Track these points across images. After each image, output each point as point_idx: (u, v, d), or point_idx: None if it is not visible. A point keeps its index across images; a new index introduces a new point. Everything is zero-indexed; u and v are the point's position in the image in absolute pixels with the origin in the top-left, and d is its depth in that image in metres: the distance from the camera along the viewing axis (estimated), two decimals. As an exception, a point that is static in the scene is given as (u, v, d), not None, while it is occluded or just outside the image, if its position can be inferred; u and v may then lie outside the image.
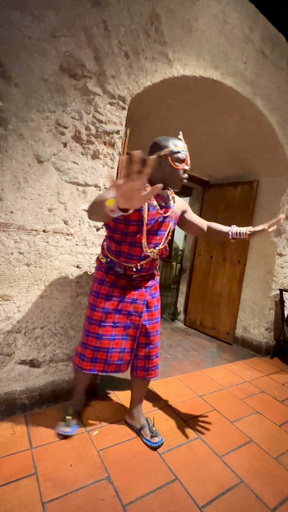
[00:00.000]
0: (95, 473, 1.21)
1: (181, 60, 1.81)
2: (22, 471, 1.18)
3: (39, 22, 1.35)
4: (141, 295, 1.38)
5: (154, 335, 1.43)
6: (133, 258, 1.30)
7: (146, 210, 1.25)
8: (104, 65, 1.55)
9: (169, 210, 1.33)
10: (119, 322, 1.36)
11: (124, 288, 1.36)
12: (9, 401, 1.48)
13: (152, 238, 1.29)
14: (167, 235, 1.34)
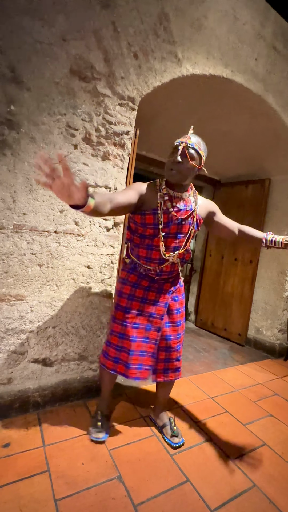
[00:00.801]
0: (106, 472, 1.22)
1: (190, 59, 1.80)
2: (35, 468, 1.20)
3: (50, 27, 1.37)
4: (164, 298, 1.36)
5: (175, 338, 1.40)
6: (152, 261, 1.29)
7: (161, 213, 1.23)
8: (113, 66, 1.56)
9: (188, 212, 1.28)
10: (140, 323, 1.34)
11: (146, 289, 1.35)
12: (23, 399, 1.51)
13: (171, 242, 1.27)
14: (188, 238, 1.30)
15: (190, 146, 1.18)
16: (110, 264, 1.73)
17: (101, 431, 1.39)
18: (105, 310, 1.75)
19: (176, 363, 1.44)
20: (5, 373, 1.49)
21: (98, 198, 1.00)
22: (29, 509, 1.02)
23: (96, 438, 1.36)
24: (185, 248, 1.30)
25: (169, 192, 1.26)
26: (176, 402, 1.81)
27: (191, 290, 3.77)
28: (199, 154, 1.21)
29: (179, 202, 1.26)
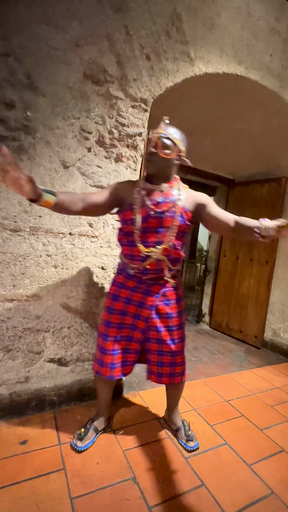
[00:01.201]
0: (120, 472, 1.22)
1: (203, 58, 1.78)
2: (51, 465, 1.22)
3: (64, 33, 1.40)
4: (150, 300, 1.28)
5: (168, 343, 1.32)
6: (135, 258, 1.24)
7: (138, 207, 1.20)
8: (126, 69, 1.57)
9: (168, 204, 1.20)
10: (125, 323, 1.31)
11: (132, 289, 1.30)
12: (39, 397, 1.54)
13: (151, 236, 1.21)
14: (172, 232, 1.20)
15: (163, 136, 1.15)
16: (123, 265, 1.74)
17: (81, 439, 1.33)
18: (119, 311, 1.76)
19: (169, 368, 1.36)
20: (22, 371, 1.52)
21: (62, 196, 1.08)
22: (45, 505, 1.04)
23: (74, 445, 1.31)
24: (168, 242, 1.20)
25: (146, 186, 1.23)
26: (190, 404, 1.79)
27: (205, 291, 3.72)
28: (174, 143, 1.16)
29: (157, 195, 1.21)
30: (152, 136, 1.16)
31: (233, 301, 3.26)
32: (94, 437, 1.38)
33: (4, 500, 1.04)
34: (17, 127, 1.37)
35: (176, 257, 1.27)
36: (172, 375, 1.37)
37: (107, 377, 1.32)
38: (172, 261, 1.26)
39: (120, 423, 1.55)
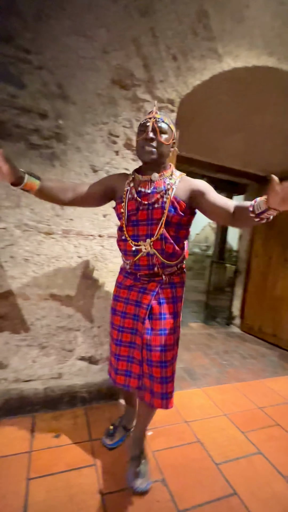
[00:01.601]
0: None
1: (231, 52, 1.73)
2: (83, 460, 1.26)
3: (92, 42, 1.45)
4: (146, 299, 1.16)
5: (157, 350, 1.13)
6: (127, 253, 1.18)
7: (126, 199, 1.14)
8: (152, 71, 1.58)
9: (157, 195, 1.10)
10: (125, 327, 1.21)
11: (129, 288, 1.22)
12: (71, 394, 1.60)
13: (142, 230, 1.12)
14: (163, 224, 1.08)
15: (160, 120, 1.06)
16: (151, 266, 1.75)
17: (111, 437, 1.36)
18: (147, 312, 1.77)
19: (162, 385, 1.14)
20: (56, 368, 1.60)
21: (49, 182, 1.07)
22: (78, 498, 1.08)
23: (104, 442, 1.35)
24: (157, 236, 1.09)
25: (137, 177, 1.15)
26: (220, 409, 1.74)
27: (236, 293, 3.60)
28: (170, 128, 1.09)
29: (146, 186, 1.12)
30: (146, 120, 1.07)
31: (266, 303, 3.11)
32: (124, 436, 1.39)
33: (40, 490, 1.10)
34: (49, 135, 1.45)
35: (170, 251, 1.13)
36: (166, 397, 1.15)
37: (112, 381, 1.25)
38: (166, 255, 1.13)
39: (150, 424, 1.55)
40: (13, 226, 1.44)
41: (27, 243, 1.48)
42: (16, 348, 1.52)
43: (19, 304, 1.50)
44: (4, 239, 1.44)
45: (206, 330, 3.32)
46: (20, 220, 1.45)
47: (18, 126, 1.39)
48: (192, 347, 2.73)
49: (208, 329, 3.36)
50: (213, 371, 2.26)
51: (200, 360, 2.45)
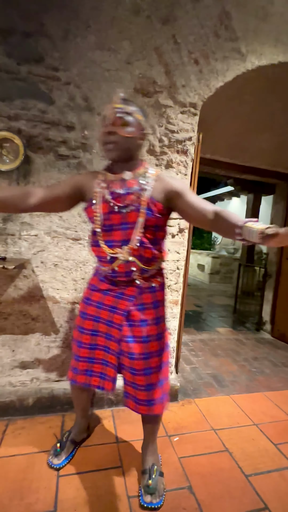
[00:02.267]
0: (176, 479, 1.21)
1: (255, 51, 1.70)
2: (110, 462, 1.28)
3: (116, 54, 1.51)
4: (123, 304, 1.09)
5: (140, 358, 1.08)
6: (102, 260, 1.08)
7: (100, 203, 1.03)
8: (174, 77, 1.60)
9: (131, 197, 1.00)
10: (99, 331, 1.13)
11: (105, 292, 1.12)
12: (98, 395, 1.64)
13: (117, 235, 1.03)
14: (139, 228, 1.00)
15: (120, 110, 0.94)
16: (176, 270, 1.74)
17: (58, 456, 1.23)
18: (172, 316, 1.77)
19: (146, 392, 1.09)
20: (84, 369, 1.65)
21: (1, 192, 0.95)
22: (105, 499, 1.10)
23: (51, 462, 1.22)
24: (134, 241, 1.00)
25: (106, 176, 1.05)
26: (250, 419, 1.67)
27: (266, 297, 3.45)
28: (135, 118, 0.97)
29: (118, 186, 1.02)
30: (107, 112, 0.96)
31: (299, 308, 2.94)
32: (73, 451, 1.29)
33: (70, 487, 1.14)
34: (76, 146, 1.52)
35: (149, 256, 1.05)
36: (151, 403, 1.09)
37: (82, 384, 1.15)
38: (145, 261, 1.05)
39: (175, 429, 1.54)
40: (43, 233, 1.53)
41: (56, 249, 1.55)
42: (47, 349, 1.60)
43: (49, 307, 1.58)
44: (35, 246, 1.53)
45: (235, 335, 3.21)
46: (50, 227, 1.53)
47: (47, 139, 1.48)
48: (220, 352, 2.66)
49: (237, 334, 3.25)
50: (242, 378, 2.18)
51: (228, 366, 2.37)
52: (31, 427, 1.46)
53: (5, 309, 1.52)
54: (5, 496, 1.08)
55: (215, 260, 6.91)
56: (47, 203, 1.04)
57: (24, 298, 1.54)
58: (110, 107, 0.96)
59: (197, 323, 3.62)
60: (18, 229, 1.50)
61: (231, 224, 0.82)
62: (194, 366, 2.32)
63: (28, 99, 1.43)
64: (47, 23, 1.40)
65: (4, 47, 1.38)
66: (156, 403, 1.10)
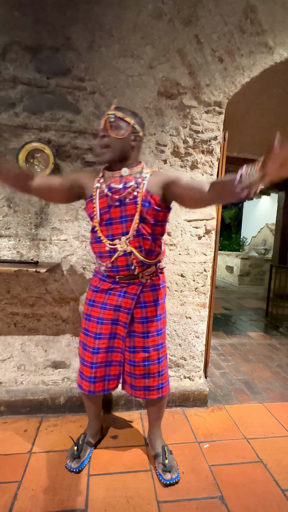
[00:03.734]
0: (207, 488, 1.18)
1: (284, 42, 1.62)
2: (139, 464, 1.28)
3: (139, 60, 1.53)
4: (126, 303, 1.16)
5: (140, 351, 1.18)
6: (103, 255, 1.13)
7: (97, 197, 1.10)
8: (198, 77, 1.58)
9: (127, 189, 1.08)
10: (103, 333, 1.18)
11: (107, 292, 1.17)
12: (126, 397, 1.65)
13: (117, 228, 1.09)
14: (137, 220, 1.07)
15: (112, 116, 1.05)
16: (203, 272, 1.71)
17: (76, 459, 1.24)
18: (200, 319, 1.73)
19: (143, 380, 1.20)
20: (112, 371, 1.67)
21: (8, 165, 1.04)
22: (134, 502, 1.10)
23: (70, 467, 1.22)
24: (133, 232, 1.07)
25: (105, 174, 1.13)
26: (286, 429, 1.57)
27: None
28: (126, 122, 1.06)
29: (117, 182, 1.10)
30: (101, 119, 1.09)
31: None
32: (89, 453, 1.30)
33: (100, 487, 1.15)
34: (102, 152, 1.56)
35: (148, 248, 1.11)
36: (147, 389, 1.20)
37: (86, 392, 1.21)
38: (144, 253, 1.11)
39: (205, 435, 1.50)
40: (72, 237, 1.59)
41: (85, 253, 1.60)
42: (77, 350, 1.65)
43: (79, 309, 1.63)
44: (65, 250, 1.59)
45: (267, 340, 3.06)
46: (78, 231, 1.59)
47: (75, 147, 1.54)
48: (251, 358, 2.55)
49: (270, 339, 3.10)
50: (276, 385, 2.07)
51: (260, 372, 2.26)
52: (63, 425, 1.51)
53: (38, 311, 1.60)
54: (39, 490, 1.12)
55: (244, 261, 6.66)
56: (48, 188, 1.13)
57: (55, 300, 1.61)
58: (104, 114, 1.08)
59: (227, 326, 3.50)
60: (48, 234, 1.57)
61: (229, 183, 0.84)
62: (224, 371, 2.25)
63: (56, 111, 1.50)
64: (73, 37, 1.47)
65: (34, 64, 1.46)
66: (152, 389, 1.21)
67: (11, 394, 1.56)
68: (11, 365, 1.61)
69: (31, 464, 1.25)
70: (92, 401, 1.31)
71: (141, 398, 1.24)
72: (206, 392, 1.74)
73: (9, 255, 1.54)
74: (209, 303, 1.76)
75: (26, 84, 1.47)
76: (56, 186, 1.14)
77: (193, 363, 1.75)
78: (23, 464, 1.25)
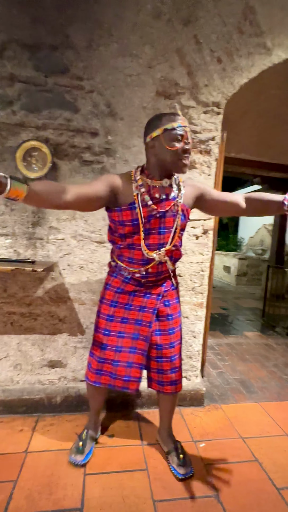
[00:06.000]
0: (203, 487, 1.18)
1: (282, 44, 1.63)
2: (135, 464, 1.28)
3: (138, 59, 1.53)
4: (151, 303, 1.19)
5: (167, 347, 1.23)
6: (135, 262, 1.14)
7: (140, 207, 1.08)
8: (196, 77, 1.58)
9: (171, 203, 1.11)
10: (126, 332, 1.20)
11: (131, 294, 1.19)
12: (123, 397, 1.65)
13: (154, 238, 1.11)
14: (175, 232, 1.13)
15: (189, 129, 1.06)
16: (200, 272, 1.71)
17: (80, 453, 1.26)
18: (197, 319, 1.74)
19: (171, 375, 1.25)
20: (109, 370, 1.67)
21: (38, 185, 0.89)
22: (130, 501, 1.10)
23: (74, 460, 1.24)
24: (172, 244, 1.13)
25: (146, 182, 1.10)
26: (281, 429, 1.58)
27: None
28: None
29: (158, 192, 1.10)
30: (182, 129, 1.02)
31: None
32: (92, 447, 1.33)
33: (96, 486, 1.15)
34: (100, 151, 1.56)
35: (177, 257, 1.21)
36: (174, 383, 1.26)
37: (107, 385, 1.22)
38: (173, 261, 1.20)
39: (201, 434, 1.50)
40: (69, 236, 1.58)
41: (82, 252, 1.60)
42: (74, 349, 1.65)
43: (76, 308, 1.63)
44: (62, 249, 1.58)
45: (264, 340, 3.08)
46: (75, 231, 1.58)
47: (73, 146, 1.53)
48: (248, 357, 2.56)
49: (266, 339, 3.11)
50: (272, 385, 2.08)
51: (256, 372, 2.28)
52: (59, 424, 1.50)
53: (34, 310, 1.59)
54: (35, 490, 1.12)
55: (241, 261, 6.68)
56: (81, 201, 1.01)
57: (52, 299, 1.60)
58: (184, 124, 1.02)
59: (224, 326, 3.52)
60: (46, 233, 1.56)
61: (274, 203, 1.09)
62: (220, 370, 2.26)
63: (54, 109, 1.50)
64: (72, 35, 1.46)
65: (32, 62, 1.46)
66: (178, 383, 1.28)
67: (7, 394, 1.55)
68: (7, 364, 1.60)
69: (27, 464, 1.24)
70: (99, 397, 1.35)
71: (169, 393, 1.28)
72: (203, 392, 1.74)
73: (5, 253, 1.54)
74: (206, 303, 1.77)
75: (24, 82, 1.46)
76: (93, 196, 1.04)
77: (190, 362, 1.76)
78: (19, 463, 1.24)
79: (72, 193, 0.97)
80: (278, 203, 1.08)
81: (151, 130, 1.05)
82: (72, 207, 1.02)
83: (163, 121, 1.02)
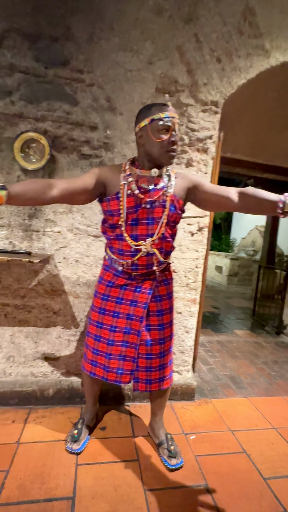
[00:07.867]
0: (192, 477, 1.21)
1: (280, 47, 1.66)
2: (126, 454, 1.30)
3: (138, 55, 1.53)
4: (142, 297, 1.18)
5: (156, 343, 1.22)
6: (124, 253, 1.13)
7: (124, 196, 1.07)
8: (196, 75, 1.60)
9: (158, 193, 1.08)
10: (118, 326, 1.20)
11: (123, 287, 1.19)
12: (116, 390, 1.67)
13: (142, 229, 1.10)
14: (163, 223, 1.10)
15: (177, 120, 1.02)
16: (194, 268, 1.74)
17: (77, 442, 1.28)
18: (190, 315, 1.76)
19: (159, 372, 1.24)
20: (102, 364, 1.68)
21: (18, 187, 0.89)
22: (122, 490, 1.12)
23: (70, 449, 1.26)
24: (158, 235, 1.10)
25: (135, 172, 1.09)
26: (270, 422, 1.63)
27: (287, 301, 3.34)
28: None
29: (146, 182, 1.08)
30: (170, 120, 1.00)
31: None
32: (87, 436, 1.36)
33: (88, 476, 1.17)
34: (99, 145, 1.56)
35: (168, 249, 1.17)
36: (162, 380, 1.26)
37: (100, 378, 1.23)
38: (163, 253, 1.16)
39: (192, 427, 1.53)
40: (66, 229, 1.58)
41: (78, 245, 1.60)
42: (67, 343, 1.65)
43: (70, 301, 1.63)
44: (58, 242, 1.58)
45: (253, 338, 3.14)
46: (72, 224, 1.58)
47: (71, 139, 1.53)
48: (238, 354, 2.61)
49: (256, 337, 3.18)
50: (261, 381, 2.13)
51: (246, 368, 2.33)
52: (52, 416, 1.51)
53: (29, 302, 1.59)
54: (27, 479, 1.13)
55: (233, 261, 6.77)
56: (68, 195, 1.03)
57: (47, 292, 1.60)
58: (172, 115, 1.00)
59: (215, 324, 3.57)
60: (42, 226, 1.56)
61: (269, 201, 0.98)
62: (211, 366, 2.30)
63: (54, 101, 1.49)
64: (73, 27, 1.46)
65: (32, 52, 1.44)
66: (165, 379, 1.27)
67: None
68: (0, 356, 1.59)
69: (19, 454, 1.25)
70: (94, 387, 1.37)
71: (156, 390, 1.27)
72: (194, 386, 1.77)
73: (1, 245, 1.52)
74: (199, 299, 1.80)
75: (23, 73, 1.45)
76: (80, 189, 1.05)
77: (182, 357, 1.79)
78: (10, 454, 1.24)
79: (59, 188, 0.99)
80: (272, 203, 0.97)
81: (140, 120, 1.05)
82: (59, 201, 1.04)
83: (152, 110, 1.02)
